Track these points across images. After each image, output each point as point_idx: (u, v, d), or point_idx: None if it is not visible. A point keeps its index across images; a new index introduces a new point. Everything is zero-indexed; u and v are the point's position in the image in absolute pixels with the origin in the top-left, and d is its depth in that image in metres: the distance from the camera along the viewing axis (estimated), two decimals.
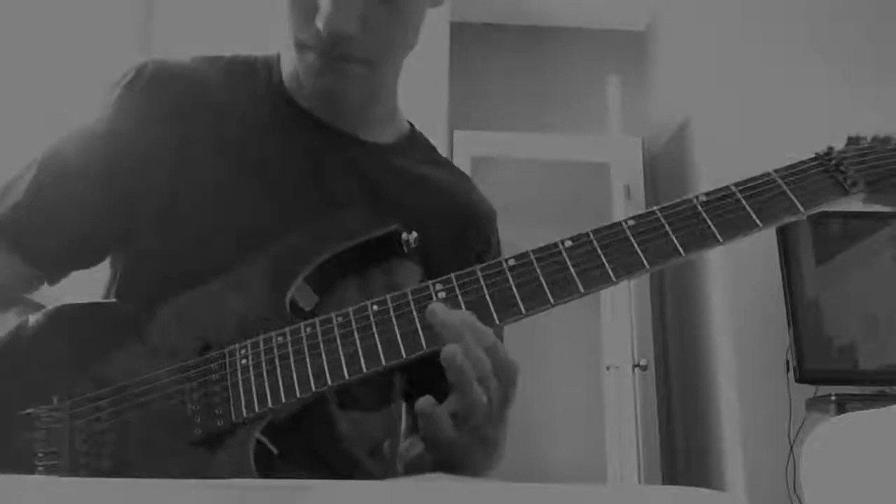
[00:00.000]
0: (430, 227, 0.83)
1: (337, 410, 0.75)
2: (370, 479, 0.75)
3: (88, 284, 0.85)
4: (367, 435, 0.82)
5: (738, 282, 2.59)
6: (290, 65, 0.83)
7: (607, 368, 3.13)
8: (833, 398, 2.17)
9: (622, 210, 3.05)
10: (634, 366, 2.96)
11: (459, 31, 3.29)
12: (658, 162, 3.47)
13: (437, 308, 0.61)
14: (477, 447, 0.66)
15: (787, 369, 2.28)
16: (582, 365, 3.92)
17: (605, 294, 3.38)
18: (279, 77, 0.85)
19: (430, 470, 0.68)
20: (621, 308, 3.21)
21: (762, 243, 2.37)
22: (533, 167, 3.98)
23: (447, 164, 0.94)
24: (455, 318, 0.61)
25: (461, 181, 0.92)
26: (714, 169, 2.73)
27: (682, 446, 3.05)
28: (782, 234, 2.38)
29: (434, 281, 0.64)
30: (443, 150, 1.05)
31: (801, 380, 2.25)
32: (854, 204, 0.69)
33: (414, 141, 0.91)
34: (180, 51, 0.87)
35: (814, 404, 2.27)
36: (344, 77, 0.76)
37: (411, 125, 0.93)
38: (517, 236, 1.14)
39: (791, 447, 2.27)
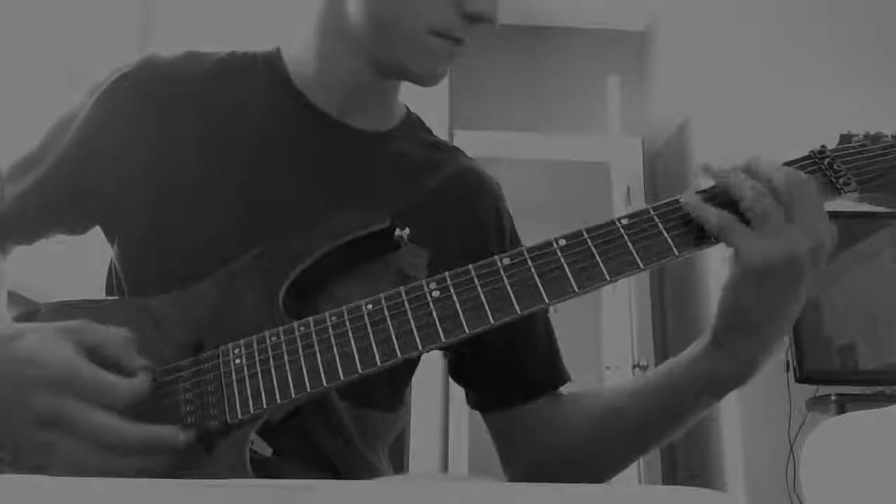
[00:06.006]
0: (439, 207, 0.83)
1: (342, 408, 0.75)
2: (379, 478, 0.74)
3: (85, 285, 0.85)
4: (382, 434, 0.82)
5: None
6: (303, 58, 0.82)
7: (607, 368, 3.13)
8: (833, 398, 2.17)
9: (622, 210, 3.05)
10: (634, 366, 2.96)
11: None
12: (658, 162, 3.47)
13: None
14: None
15: (787, 369, 2.28)
16: (582, 365, 3.89)
17: (606, 294, 3.39)
18: (284, 71, 0.83)
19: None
20: (621, 308, 3.21)
21: None
22: (533, 167, 3.98)
23: (442, 142, 0.93)
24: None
25: (460, 156, 0.92)
26: None
27: (682, 447, 3.05)
28: None
29: (428, 280, 0.64)
30: None
31: (801, 380, 2.25)
32: (847, 203, 0.69)
33: (412, 122, 0.91)
34: (180, 51, 0.87)
35: (814, 404, 2.27)
36: (450, 61, 0.79)
37: (406, 107, 0.92)
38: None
39: (791, 447, 2.27)
